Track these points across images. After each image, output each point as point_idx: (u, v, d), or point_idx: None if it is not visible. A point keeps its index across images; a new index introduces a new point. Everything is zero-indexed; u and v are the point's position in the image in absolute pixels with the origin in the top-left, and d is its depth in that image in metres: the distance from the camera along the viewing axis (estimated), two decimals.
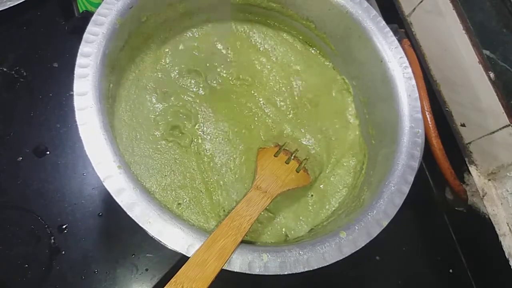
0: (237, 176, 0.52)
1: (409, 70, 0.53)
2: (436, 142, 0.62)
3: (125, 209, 0.38)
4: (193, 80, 0.56)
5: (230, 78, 0.58)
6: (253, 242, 0.48)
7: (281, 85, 0.59)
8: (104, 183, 0.38)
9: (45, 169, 0.59)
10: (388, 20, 0.56)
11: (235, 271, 0.38)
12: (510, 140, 0.55)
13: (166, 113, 0.52)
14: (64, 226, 0.56)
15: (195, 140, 0.52)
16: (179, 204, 0.48)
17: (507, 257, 0.57)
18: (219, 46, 0.59)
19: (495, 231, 0.58)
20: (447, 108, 0.67)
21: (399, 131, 0.50)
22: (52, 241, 0.55)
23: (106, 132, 0.41)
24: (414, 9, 0.70)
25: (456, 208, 0.66)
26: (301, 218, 0.52)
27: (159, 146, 0.50)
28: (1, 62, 0.63)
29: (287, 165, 0.51)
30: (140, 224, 0.38)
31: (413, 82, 0.52)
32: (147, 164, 0.49)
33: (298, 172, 0.51)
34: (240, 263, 0.39)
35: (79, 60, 0.42)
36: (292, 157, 0.52)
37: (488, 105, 0.58)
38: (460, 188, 0.63)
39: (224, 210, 0.49)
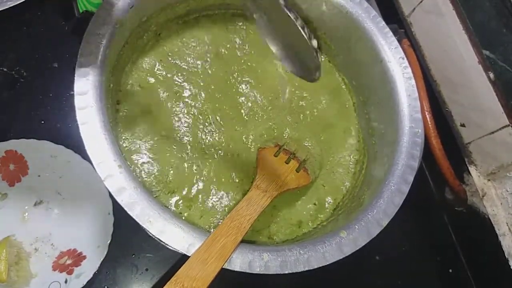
0: (238, 174, 0.52)
1: (409, 70, 0.53)
2: (436, 142, 0.62)
3: (125, 208, 0.38)
4: (194, 80, 0.56)
5: (230, 78, 0.58)
6: (253, 242, 0.48)
7: (281, 86, 0.59)
8: (105, 183, 0.38)
9: None
10: (388, 20, 0.56)
11: (236, 270, 0.39)
12: (509, 140, 0.55)
13: (167, 113, 0.52)
14: None
15: (197, 138, 0.52)
16: (180, 201, 0.48)
17: (506, 257, 0.57)
18: (220, 46, 0.59)
19: (495, 231, 0.58)
20: (447, 108, 0.67)
21: (399, 131, 0.50)
22: None
23: (107, 131, 0.41)
24: (414, 9, 0.70)
25: (456, 208, 0.66)
26: (301, 217, 0.52)
27: (161, 145, 0.50)
28: (1, 62, 0.63)
29: (287, 164, 0.51)
30: (141, 224, 0.38)
31: (413, 82, 0.52)
32: (149, 163, 0.49)
33: (298, 172, 0.51)
34: (240, 262, 0.39)
35: (80, 60, 0.42)
36: (292, 157, 0.52)
37: (488, 105, 0.58)
38: (459, 188, 0.63)
39: (225, 209, 0.49)
